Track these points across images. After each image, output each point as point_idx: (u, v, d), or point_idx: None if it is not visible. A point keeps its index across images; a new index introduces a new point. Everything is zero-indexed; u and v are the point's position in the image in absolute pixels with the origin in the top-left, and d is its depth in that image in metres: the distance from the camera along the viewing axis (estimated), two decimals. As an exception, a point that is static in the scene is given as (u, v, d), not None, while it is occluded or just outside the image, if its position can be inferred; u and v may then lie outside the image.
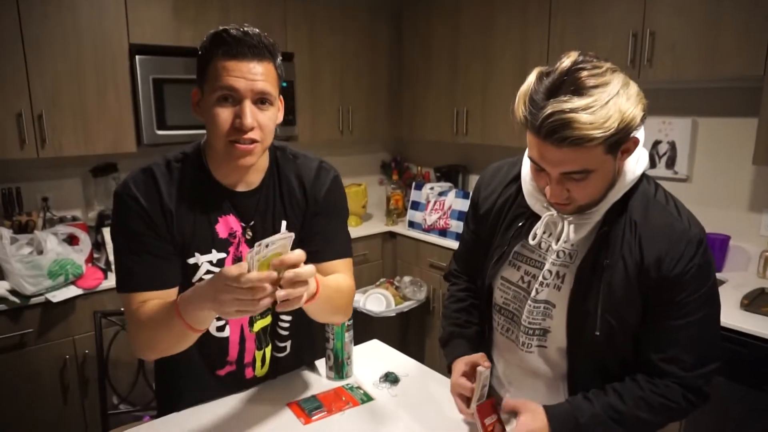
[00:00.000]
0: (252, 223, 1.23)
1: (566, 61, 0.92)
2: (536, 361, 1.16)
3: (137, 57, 2.51)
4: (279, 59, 1.15)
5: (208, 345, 1.26)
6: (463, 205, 3.07)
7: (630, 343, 1.07)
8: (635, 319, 1.04)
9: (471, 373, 1.18)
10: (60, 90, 2.37)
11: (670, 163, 2.57)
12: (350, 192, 3.41)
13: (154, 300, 1.13)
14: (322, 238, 1.28)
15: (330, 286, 1.17)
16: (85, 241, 2.42)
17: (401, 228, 3.42)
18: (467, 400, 1.17)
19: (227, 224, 1.21)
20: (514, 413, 1.09)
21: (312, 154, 1.33)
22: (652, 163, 2.63)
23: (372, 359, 1.54)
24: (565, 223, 1.06)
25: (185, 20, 2.64)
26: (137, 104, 2.56)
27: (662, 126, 2.57)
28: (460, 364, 1.21)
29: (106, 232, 2.51)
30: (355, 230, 3.35)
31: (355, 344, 1.60)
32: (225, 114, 1.09)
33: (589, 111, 0.86)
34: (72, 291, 2.24)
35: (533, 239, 1.10)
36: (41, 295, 2.18)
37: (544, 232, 1.11)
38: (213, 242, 1.20)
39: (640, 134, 0.99)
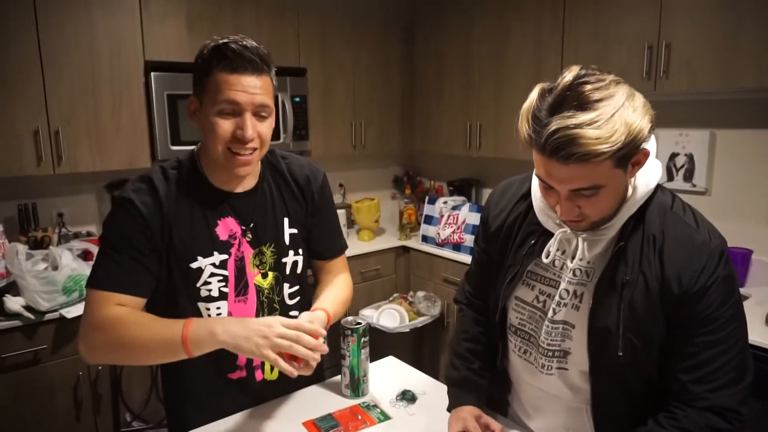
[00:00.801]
0: (252, 225, 1.27)
1: (568, 76, 0.89)
2: (557, 384, 1.12)
3: (152, 74, 2.53)
4: (273, 70, 1.20)
5: (214, 350, 1.23)
6: (477, 219, 3.04)
7: (654, 363, 1.02)
8: (659, 338, 1.00)
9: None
10: (76, 107, 2.40)
11: (688, 176, 2.53)
12: (363, 206, 3.40)
13: (126, 308, 1.14)
14: (325, 237, 1.40)
15: (338, 302, 1.33)
16: (100, 256, 2.42)
17: (414, 242, 3.40)
18: None
19: (227, 226, 1.24)
20: None
21: (296, 155, 1.40)
22: (670, 176, 2.59)
23: (388, 376, 1.52)
24: (579, 239, 1.02)
25: (199, 37, 2.66)
26: (152, 120, 2.59)
27: (679, 138, 2.54)
28: (468, 417, 1.16)
29: (121, 247, 2.51)
30: (368, 245, 3.34)
31: (370, 361, 1.59)
32: (226, 125, 1.14)
33: (595, 126, 0.84)
34: (86, 307, 2.24)
35: (547, 257, 1.07)
36: (56, 311, 2.18)
37: (557, 250, 1.07)
38: (214, 245, 1.23)
39: (651, 145, 0.96)
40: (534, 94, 0.92)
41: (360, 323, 1.39)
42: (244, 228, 1.26)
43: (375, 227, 3.50)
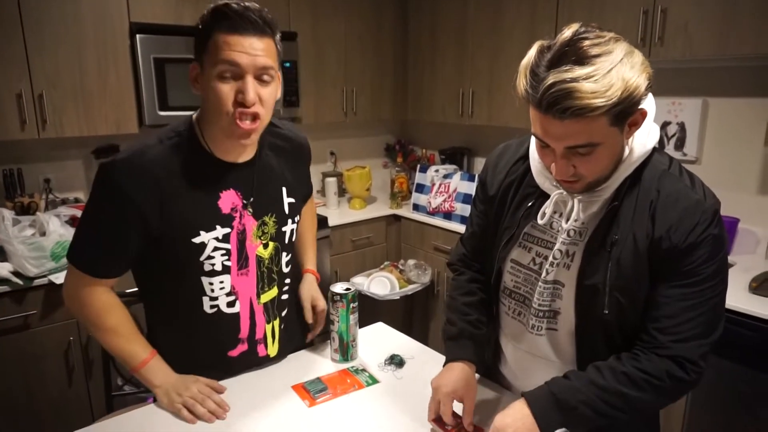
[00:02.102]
0: (252, 197, 1.25)
1: (567, 32, 0.89)
2: (546, 346, 1.13)
3: (138, 36, 2.47)
4: (278, 35, 1.15)
5: (219, 324, 1.27)
6: (469, 187, 3.04)
7: (639, 321, 1.03)
8: (644, 297, 1.01)
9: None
10: (60, 70, 2.34)
11: (680, 145, 2.53)
12: (354, 175, 3.38)
13: (110, 300, 1.23)
14: (306, 184, 1.47)
15: (314, 251, 1.60)
16: (88, 223, 2.40)
17: (405, 211, 3.39)
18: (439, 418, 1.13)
19: (228, 199, 1.21)
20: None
21: (284, 121, 1.43)
22: (661, 145, 2.58)
23: (377, 342, 1.53)
24: (575, 201, 1.02)
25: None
26: (138, 84, 2.53)
27: (672, 107, 2.52)
28: (447, 393, 1.13)
29: (109, 214, 2.49)
30: (359, 213, 3.33)
31: (359, 327, 1.59)
32: (227, 89, 1.09)
33: (591, 80, 0.83)
34: (75, 273, 2.23)
35: (542, 218, 1.07)
36: (44, 276, 2.17)
37: (554, 212, 1.08)
38: (216, 218, 1.20)
39: (649, 106, 0.96)
40: (533, 51, 0.91)
41: (349, 289, 1.40)
42: (245, 201, 1.23)
43: (366, 195, 3.49)
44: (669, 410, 2.13)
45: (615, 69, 0.84)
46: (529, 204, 1.11)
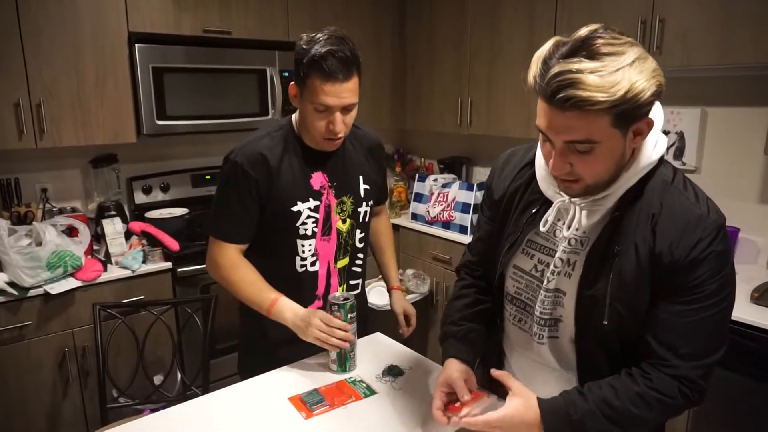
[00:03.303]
0: (336, 180, 1.53)
1: (584, 30, 0.90)
2: (548, 354, 1.13)
3: (136, 45, 2.47)
4: (360, 67, 1.39)
5: (301, 280, 1.53)
6: (467, 197, 3.03)
7: (639, 333, 1.02)
8: (645, 309, 1.00)
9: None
10: (58, 79, 2.33)
11: (679, 154, 2.53)
12: (353, 184, 3.37)
13: (241, 257, 1.50)
14: (381, 188, 1.73)
15: (395, 263, 1.86)
16: (85, 232, 2.39)
17: (404, 220, 3.38)
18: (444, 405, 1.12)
19: (318, 178, 1.50)
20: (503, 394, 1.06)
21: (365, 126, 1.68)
22: (660, 154, 2.58)
23: (375, 352, 1.51)
24: (577, 209, 1.02)
25: (185, 8, 2.60)
26: (137, 94, 2.52)
27: (671, 116, 2.52)
28: (453, 367, 1.15)
29: (106, 223, 2.48)
30: (358, 222, 3.31)
31: (357, 337, 1.58)
32: (320, 121, 1.39)
33: (597, 74, 0.84)
34: (71, 283, 2.21)
35: (544, 226, 1.07)
36: (40, 287, 2.15)
37: (558, 220, 1.08)
38: (309, 192, 1.49)
39: (657, 116, 0.95)
40: (549, 44, 0.91)
41: (347, 299, 1.38)
42: (330, 182, 1.52)
43: (365, 205, 3.47)
44: (672, 421, 2.11)
45: (623, 69, 0.84)
46: (533, 210, 1.11)
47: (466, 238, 2.93)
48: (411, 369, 1.42)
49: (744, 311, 1.90)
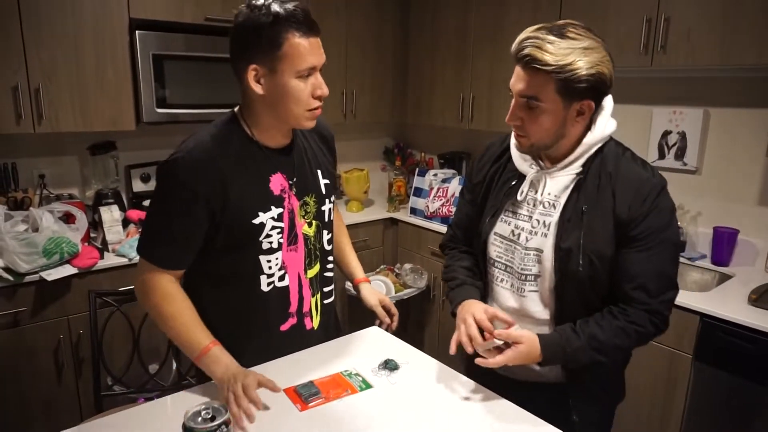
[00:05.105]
0: (295, 178, 1.35)
1: (564, 21, 1.16)
2: (530, 305, 1.31)
3: (137, 32, 2.45)
4: None
5: (271, 299, 1.35)
6: (467, 192, 3.02)
7: (608, 280, 1.23)
8: (611, 257, 1.21)
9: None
10: (57, 64, 2.32)
11: (680, 154, 2.52)
12: (352, 177, 3.37)
13: (174, 289, 1.27)
14: (334, 168, 1.55)
15: (354, 256, 1.68)
16: (82, 219, 2.38)
17: (403, 215, 3.38)
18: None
19: (277, 181, 1.32)
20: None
21: None
22: (661, 154, 2.58)
23: (371, 346, 1.51)
24: (547, 178, 1.26)
25: (187, -4, 2.58)
26: (137, 81, 2.51)
27: (673, 116, 2.51)
28: (480, 307, 1.27)
29: (104, 210, 2.47)
30: (357, 216, 3.31)
31: (353, 331, 1.58)
32: (303, 91, 1.22)
33: (555, 45, 1.11)
34: (67, 270, 2.20)
35: (521, 195, 1.29)
36: (35, 273, 2.15)
37: (532, 191, 1.29)
38: (270, 199, 1.30)
39: (607, 104, 1.21)
40: (533, 27, 1.17)
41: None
42: (290, 182, 1.34)
43: (364, 198, 3.47)
44: (667, 420, 2.12)
45: (574, 50, 1.11)
46: (511, 184, 1.32)
47: (465, 234, 2.93)
48: (407, 363, 1.41)
49: (742, 313, 1.90)
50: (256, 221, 1.27)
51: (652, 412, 2.15)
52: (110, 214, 2.47)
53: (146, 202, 2.71)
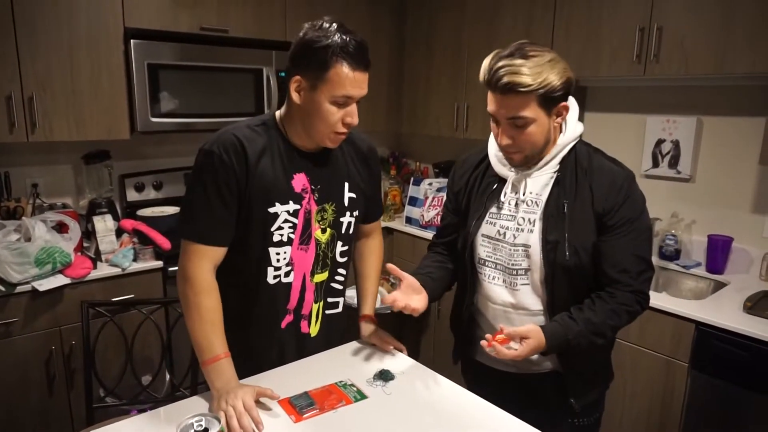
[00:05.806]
0: (318, 186, 1.40)
1: (518, 42, 1.28)
2: (523, 298, 1.39)
3: (132, 41, 2.45)
4: None
5: (275, 291, 1.39)
6: (462, 201, 3.02)
7: (592, 267, 1.34)
8: (593, 245, 1.32)
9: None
10: (52, 73, 2.31)
11: (674, 163, 2.53)
12: (347, 186, 3.35)
13: (211, 286, 1.30)
14: (372, 203, 1.57)
15: (378, 275, 1.65)
16: (75, 229, 2.36)
17: (398, 224, 3.37)
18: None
19: (300, 180, 1.37)
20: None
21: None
22: (655, 163, 2.59)
23: (366, 357, 1.50)
24: (527, 179, 1.36)
25: (183, 5, 2.58)
26: (131, 90, 2.50)
27: (666, 125, 2.53)
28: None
29: (97, 220, 2.45)
30: (352, 225, 3.30)
31: (348, 341, 1.57)
32: (335, 115, 1.29)
33: (527, 67, 1.21)
34: (59, 280, 2.19)
35: (504, 197, 1.40)
36: (27, 283, 2.13)
37: (512, 191, 1.39)
38: (289, 194, 1.35)
39: (573, 106, 1.34)
40: (492, 54, 1.28)
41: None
42: (312, 186, 1.39)
43: (359, 207, 3.46)
44: (664, 428, 2.11)
45: (543, 65, 1.22)
46: (493, 188, 1.43)
47: (460, 243, 2.93)
48: (402, 374, 1.40)
49: (737, 321, 1.90)
50: (272, 210, 1.33)
51: (650, 420, 2.14)
52: (104, 224, 2.46)
53: (141, 212, 2.71)
